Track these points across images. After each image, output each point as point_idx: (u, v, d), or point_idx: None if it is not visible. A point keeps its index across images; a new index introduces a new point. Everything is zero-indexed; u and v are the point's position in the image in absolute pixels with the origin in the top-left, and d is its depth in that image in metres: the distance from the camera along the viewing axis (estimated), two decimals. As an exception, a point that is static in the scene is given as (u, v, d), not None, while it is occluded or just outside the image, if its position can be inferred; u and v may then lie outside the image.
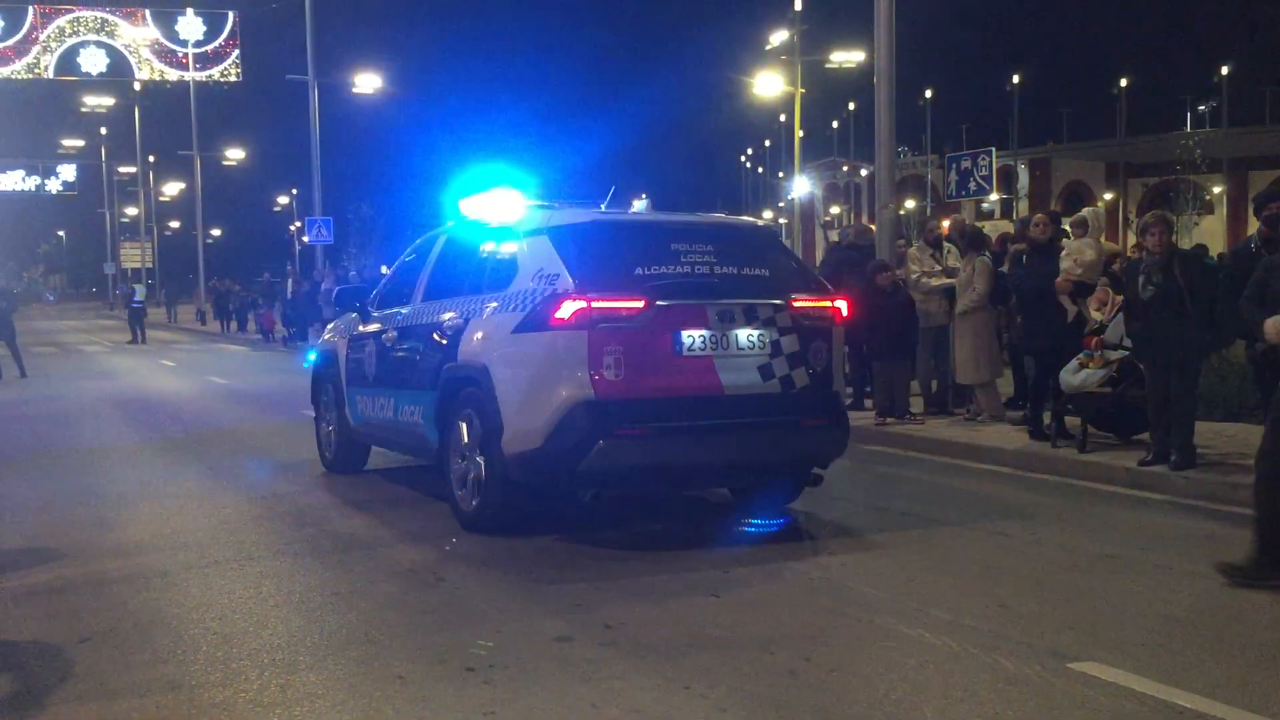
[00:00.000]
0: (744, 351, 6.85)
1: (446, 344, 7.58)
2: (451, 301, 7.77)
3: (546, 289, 6.74)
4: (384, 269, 20.85)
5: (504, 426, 6.83)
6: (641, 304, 6.61)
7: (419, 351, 8.02)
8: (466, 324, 7.40)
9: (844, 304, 7.47)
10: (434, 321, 7.88)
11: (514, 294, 7.02)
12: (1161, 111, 60.68)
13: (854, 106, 64.62)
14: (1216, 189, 54.65)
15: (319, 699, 4.38)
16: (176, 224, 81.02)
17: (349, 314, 9.62)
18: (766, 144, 73.14)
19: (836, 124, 73.23)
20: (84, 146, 66.58)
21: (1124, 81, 59.20)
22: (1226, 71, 54.17)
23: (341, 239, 44.70)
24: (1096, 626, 5.16)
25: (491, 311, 7.19)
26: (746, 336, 6.87)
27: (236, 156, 58.61)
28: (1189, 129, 53.74)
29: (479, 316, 7.31)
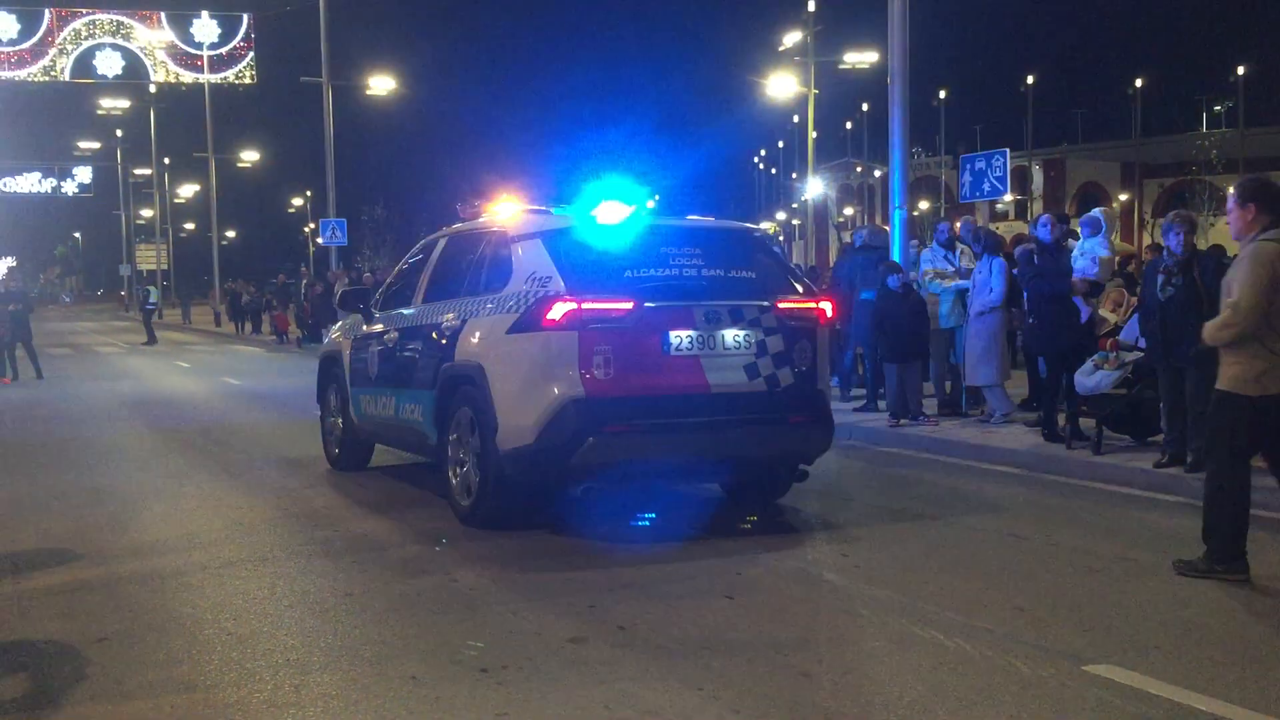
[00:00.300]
0: (730, 351, 7.05)
1: (445, 344, 7.75)
2: (450, 303, 7.97)
3: (539, 291, 6.95)
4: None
5: (498, 423, 7.01)
6: (630, 305, 6.83)
7: (419, 351, 8.19)
8: (464, 325, 7.59)
9: (829, 305, 7.68)
10: (433, 322, 8.08)
11: (508, 296, 7.21)
12: (1177, 112, 60.50)
13: (867, 107, 64.64)
14: (1232, 189, 54.36)
15: (333, 699, 4.39)
16: (191, 226, 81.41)
17: (353, 315, 9.79)
18: (780, 145, 73.10)
19: (850, 125, 73.22)
20: (100, 149, 66.90)
21: (1139, 82, 59.03)
22: (1243, 71, 53.94)
23: (355, 240, 44.86)
24: (1112, 629, 5.13)
25: (487, 313, 7.38)
26: (733, 337, 7.06)
27: (251, 158, 58.82)
28: (1205, 129, 53.56)
29: (475, 317, 7.50)
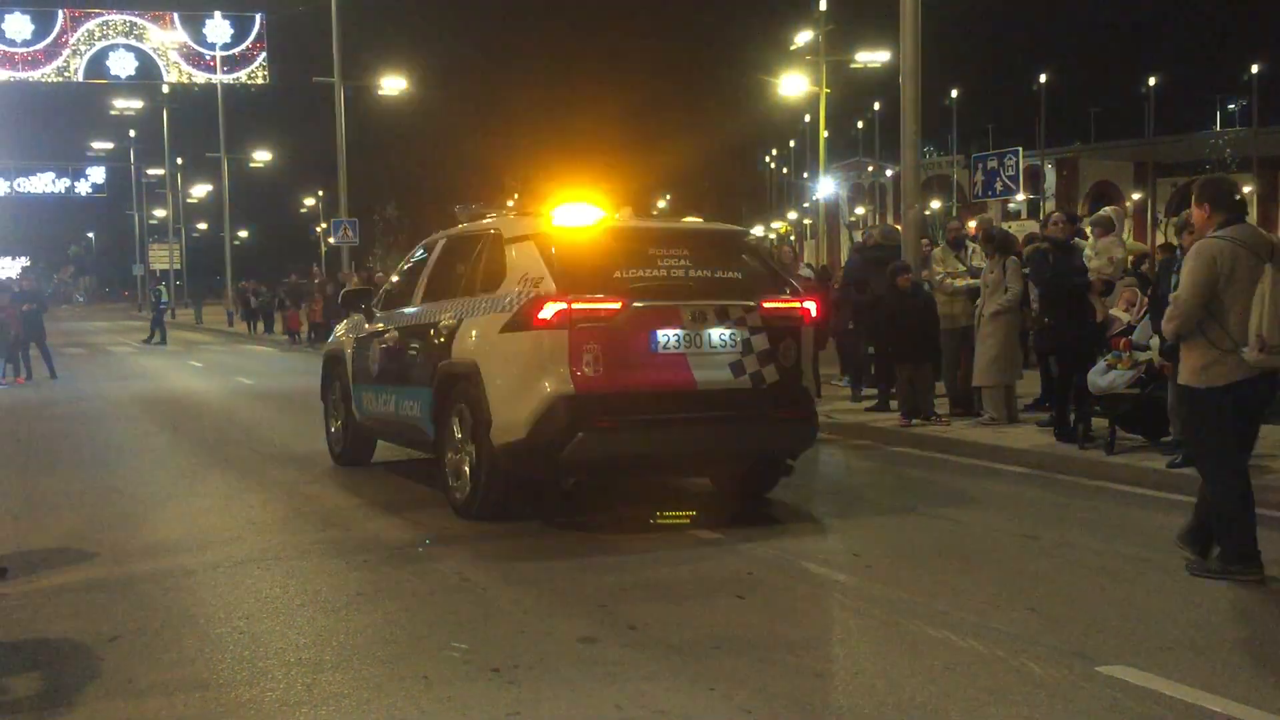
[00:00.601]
0: (716, 349, 7.27)
1: (442, 343, 7.98)
2: (447, 303, 8.20)
3: (531, 291, 7.19)
4: None
5: (492, 419, 7.24)
6: (618, 305, 7.06)
7: (418, 350, 8.43)
8: (460, 324, 7.82)
9: (813, 305, 7.89)
10: (431, 321, 8.30)
11: (502, 296, 7.45)
12: (1190, 111, 60.37)
13: (879, 106, 64.46)
14: (1247, 188, 54.13)
15: (345, 699, 4.40)
16: (204, 226, 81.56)
17: (356, 315, 10.01)
18: (791, 145, 73.01)
19: (861, 124, 73.06)
20: (113, 149, 67.08)
21: (1152, 80, 58.79)
22: (1256, 70, 53.71)
23: (367, 240, 44.94)
24: (1125, 630, 5.11)
25: (482, 312, 7.62)
26: (719, 335, 7.27)
27: (263, 159, 58.96)
28: (1218, 128, 53.33)
29: (471, 317, 7.73)
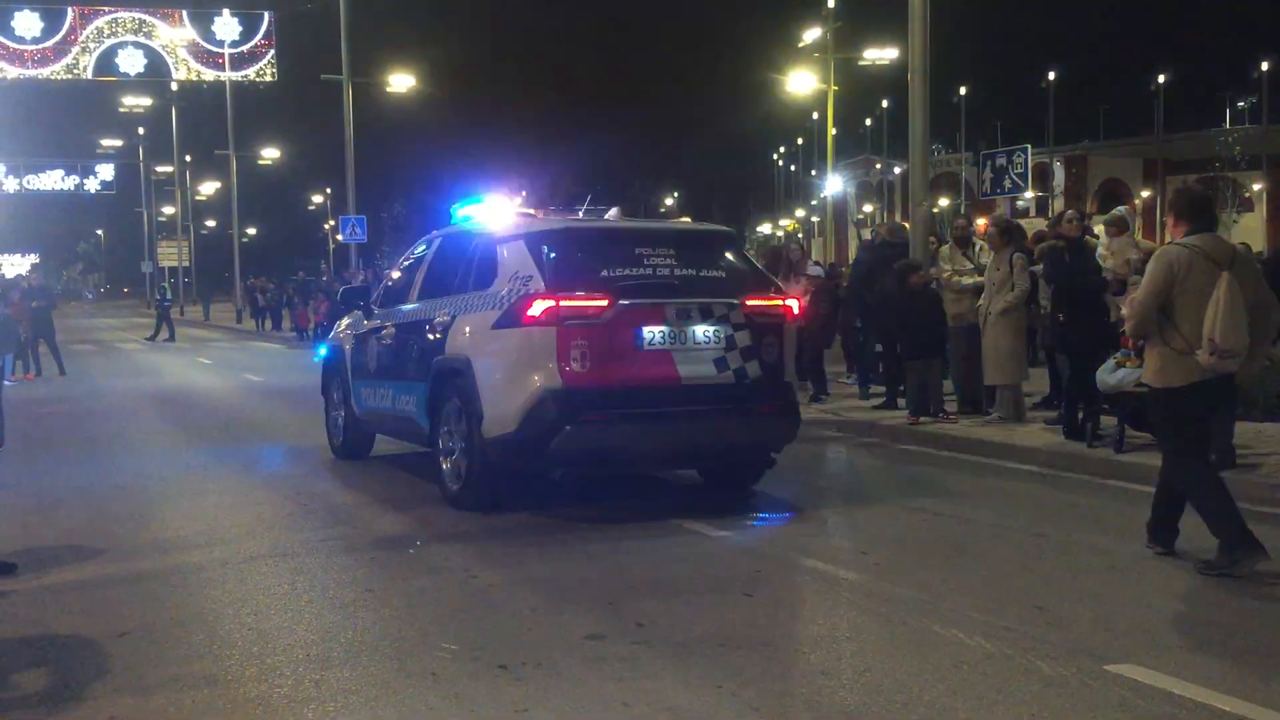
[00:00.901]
0: (700, 346, 7.49)
1: (436, 339, 8.21)
2: (442, 300, 8.44)
3: (521, 289, 7.42)
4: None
5: (484, 413, 7.47)
6: (605, 303, 7.28)
7: (413, 346, 8.64)
8: (454, 320, 8.05)
9: (794, 303, 8.19)
10: (427, 318, 8.52)
11: (494, 294, 7.68)
12: (1200, 108, 60.13)
13: (887, 104, 64.34)
14: (1256, 186, 54.00)
15: (353, 695, 4.41)
16: (213, 223, 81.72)
17: (355, 312, 10.29)
18: (799, 142, 72.99)
19: (870, 121, 72.98)
20: (122, 146, 67.10)
21: (1161, 78, 58.61)
22: (1266, 67, 53.48)
23: (375, 237, 44.95)
24: (1134, 628, 5.10)
25: (475, 309, 7.85)
26: (703, 332, 7.49)
27: (272, 156, 58.96)
28: (1228, 125, 53.14)
29: (464, 314, 7.97)
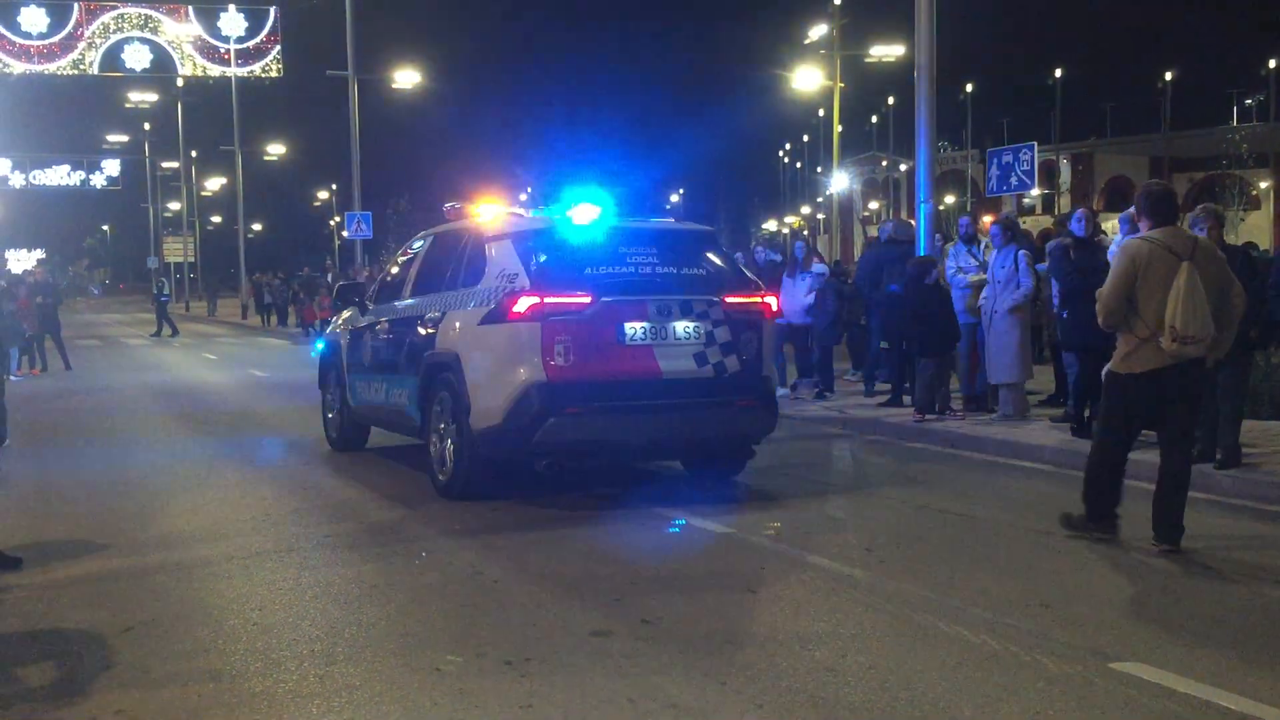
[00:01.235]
0: (681, 341, 7.74)
1: (427, 335, 8.47)
2: (433, 297, 8.71)
3: (507, 286, 7.69)
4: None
5: (471, 406, 7.75)
6: (588, 299, 7.54)
7: (406, 341, 8.91)
8: (444, 316, 8.31)
9: (773, 300, 8.44)
10: (418, 314, 8.78)
11: (482, 291, 7.95)
12: (1207, 105, 60.02)
13: (893, 101, 64.28)
14: (1263, 184, 53.89)
15: (357, 690, 4.41)
16: (218, 218, 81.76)
17: (351, 307, 10.51)
18: (805, 139, 72.85)
19: (876, 119, 72.90)
20: (128, 141, 67.19)
21: (1168, 75, 58.53)
22: (1273, 65, 53.38)
23: (380, 234, 44.97)
24: (1140, 627, 5.10)
25: (464, 306, 8.12)
26: (683, 328, 7.74)
27: (277, 152, 59.05)
28: (1235, 123, 53.00)
29: (454, 310, 8.23)
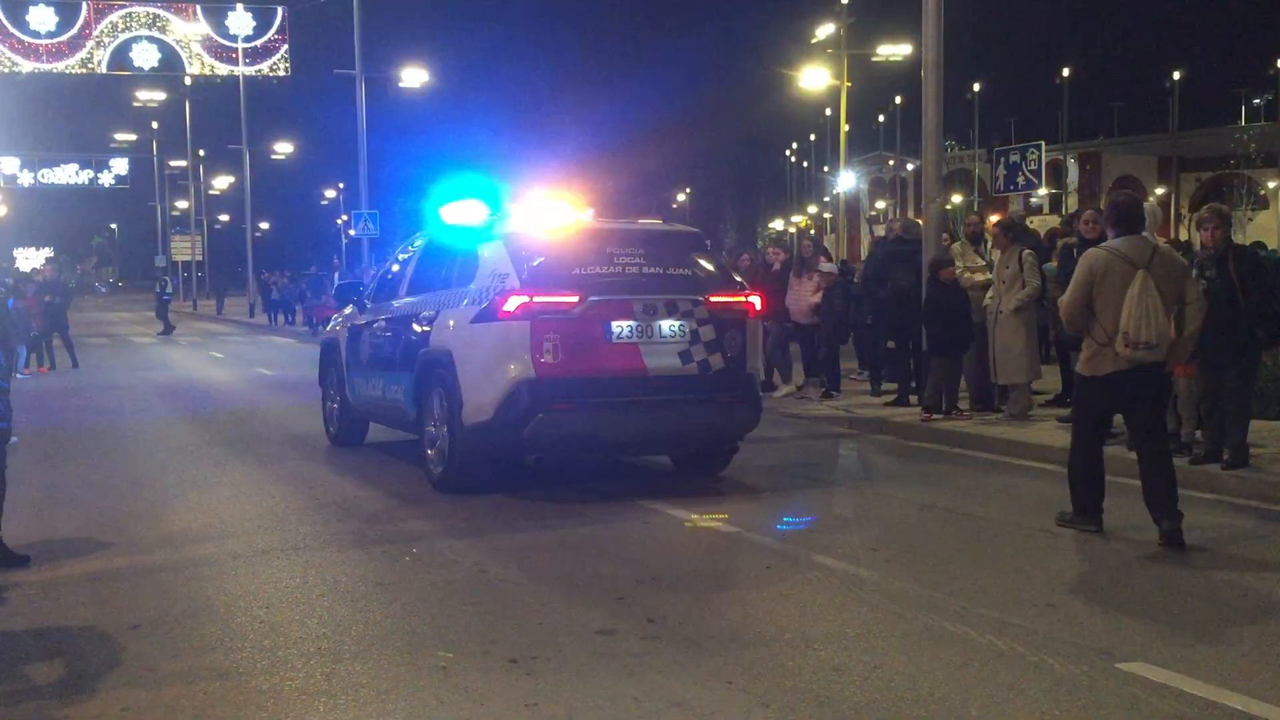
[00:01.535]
0: (666, 339, 7.97)
1: (422, 333, 8.72)
2: (428, 296, 8.99)
3: (498, 286, 7.94)
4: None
5: (464, 401, 7.97)
6: (576, 299, 7.78)
7: (401, 339, 9.17)
8: (438, 315, 8.59)
9: (757, 300, 8.64)
10: (414, 313, 9.04)
11: (474, 290, 8.21)
12: (1215, 105, 59.89)
13: (900, 100, 64.21)
14: (1271, 184, 53.69)
15: (363, 688, 4.42)
16: (226, 217, 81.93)
17: (350, 306, 10.82)
18: (812, 138, 72.74)
19: (883, 118, 72.77)
20: (136, 140, 67.37)
21: (1176, 74, 58.38)
22: (1282, 64, 53.20)
23: (388, 232, 45.01)
24: (1146, 627, 5.09)
25: (456, 305, 8.38)
26: (669, 326, 7.97)
27: (285, 150, 59.09)
28: (1243, 122, 52.83)
29: (448, 309, 8.49)
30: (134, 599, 5.65)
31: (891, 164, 71.56)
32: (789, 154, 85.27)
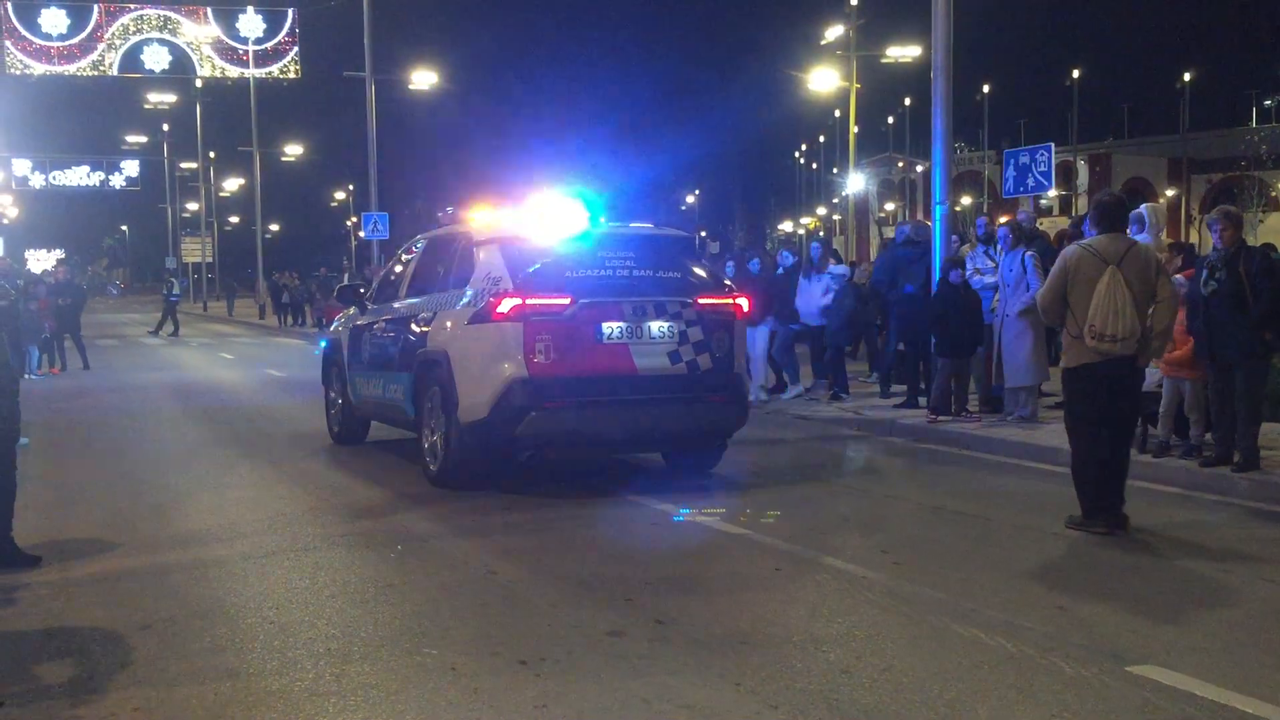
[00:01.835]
0: (655, 340, 8.19)
1: (420, 333, 8.92)
2: (426, 298, 9.21)
3: (493, 288, 8.16)
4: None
5: (459, 400, 8.19)
6: (568, 301, 8.02)
7: (401, 339, 9.36)
8: (435, 316, 8.79)
9: (744, 302, 8.81)
10: (412, 314, 9.25)
11: (470, 292, 8.42)
12: (1225, 106, 59.82)
13: (910, 102, 64.12)
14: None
15: (373, 689, 4.43)
16: (236, 219, 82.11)
17: (352, 307, 10.99)
18: (821, 140, 72.69)
19: (892, 120, 72.71)
20: (147, 142, 67.63)
21: (1187, 76, 58.24)
22: (1293, 65, 53.02)
23: (397, 234, 45.06)
24: (1156, 629, 5.08)
25: (453, 307, 8.58)
26: (658, 327, 8.19)
27: (295, 152, 59.23)
28: (1254, 124, 52.66)
29: (444, 310, 8.70)
30: (144, 599, 5.67)
31: (901, 166, 71.47)
32: (798, 156, 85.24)
